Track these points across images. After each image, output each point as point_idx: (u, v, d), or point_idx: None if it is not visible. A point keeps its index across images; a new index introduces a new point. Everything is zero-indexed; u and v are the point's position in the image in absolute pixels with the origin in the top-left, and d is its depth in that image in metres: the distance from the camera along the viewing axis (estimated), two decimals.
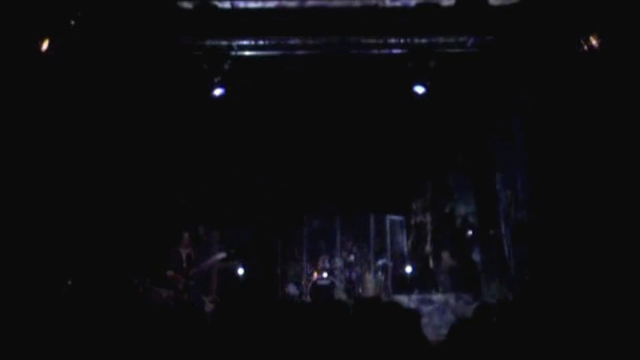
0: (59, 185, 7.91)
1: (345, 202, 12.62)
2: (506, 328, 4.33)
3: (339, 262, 12.29)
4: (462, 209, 11.97)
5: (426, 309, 10.39)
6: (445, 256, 11.97)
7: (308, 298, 11.76)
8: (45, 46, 7.24)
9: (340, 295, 11.83)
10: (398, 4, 8.80)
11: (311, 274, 12.24)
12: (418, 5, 8.64)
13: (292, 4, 8.73)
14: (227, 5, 8.74)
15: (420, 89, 10.00)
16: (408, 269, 12.27)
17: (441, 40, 9.48)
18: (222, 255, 10.35)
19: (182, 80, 10.13)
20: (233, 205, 12.20)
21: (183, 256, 9.63)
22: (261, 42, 9.62)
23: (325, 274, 12.13)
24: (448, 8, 8.54)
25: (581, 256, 7.63)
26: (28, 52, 7.24)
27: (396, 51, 9.77)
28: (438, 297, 10.93)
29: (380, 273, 12.35)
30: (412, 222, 12.80)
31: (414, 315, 4.35)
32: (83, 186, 8.47)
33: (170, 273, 9.41)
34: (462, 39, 9.53)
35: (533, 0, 8.38)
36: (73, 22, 7.67)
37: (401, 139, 12.24)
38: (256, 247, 12.44)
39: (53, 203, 7.74)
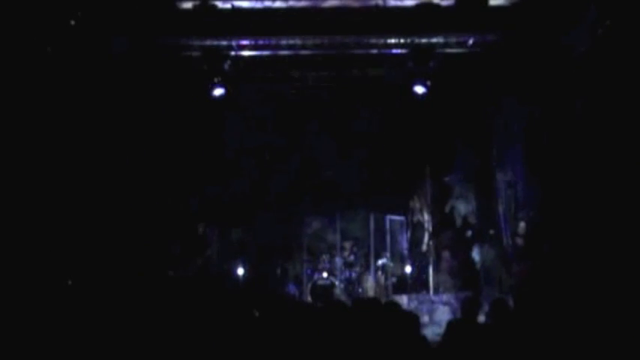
0: (59, 186, 7.90)
1: (345, 201, 12.62)
2: (504, 328, 4.33)
3: (339, 262, 12.29)
4: (462, 209, 11.96)
5: (426, 309, 10.40)
6: (445, 256, 11.96)
7: (308, 298, 11.77)
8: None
9: (340, 295, 11.84)
10: (398, 4, 8.79)
11: (311, 274, 12.24)
12: (418, 5, 8.62)
13: (292, 4, 8.73)
14: (227, 5, 8.74)
15: (420, 89, 10.01)
16: (408, 269, 12.27)
17: (441, 40, 9.48)
18: None
19: (182, 80, 10.13)
20: (233, 205, 12.20)
21: None
22: (261, 42, 9.61)
23: (325, 274, 12.13)
24: (448, 8, 8.54)
25: (581, 257, 7.62)
26: (28, 52, 7.23)
27: (396, 51, 9.77)
28: (438, 297, 10.93)
29: (380, 273, 12.35)
30: (412, 222, 12.80)
31: (412, 316, 4.36)
32: (83, 186, 8.47)
33: None
34: (462, 39, 9.53)
35: (534, 0, 8.39)
36: (73, 22, 7.66)
37: (401, 138, 12.25)
38: (256, 247, 12.43)
39: (53, 204, 7.74)
